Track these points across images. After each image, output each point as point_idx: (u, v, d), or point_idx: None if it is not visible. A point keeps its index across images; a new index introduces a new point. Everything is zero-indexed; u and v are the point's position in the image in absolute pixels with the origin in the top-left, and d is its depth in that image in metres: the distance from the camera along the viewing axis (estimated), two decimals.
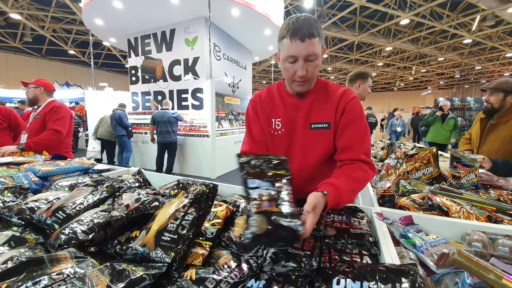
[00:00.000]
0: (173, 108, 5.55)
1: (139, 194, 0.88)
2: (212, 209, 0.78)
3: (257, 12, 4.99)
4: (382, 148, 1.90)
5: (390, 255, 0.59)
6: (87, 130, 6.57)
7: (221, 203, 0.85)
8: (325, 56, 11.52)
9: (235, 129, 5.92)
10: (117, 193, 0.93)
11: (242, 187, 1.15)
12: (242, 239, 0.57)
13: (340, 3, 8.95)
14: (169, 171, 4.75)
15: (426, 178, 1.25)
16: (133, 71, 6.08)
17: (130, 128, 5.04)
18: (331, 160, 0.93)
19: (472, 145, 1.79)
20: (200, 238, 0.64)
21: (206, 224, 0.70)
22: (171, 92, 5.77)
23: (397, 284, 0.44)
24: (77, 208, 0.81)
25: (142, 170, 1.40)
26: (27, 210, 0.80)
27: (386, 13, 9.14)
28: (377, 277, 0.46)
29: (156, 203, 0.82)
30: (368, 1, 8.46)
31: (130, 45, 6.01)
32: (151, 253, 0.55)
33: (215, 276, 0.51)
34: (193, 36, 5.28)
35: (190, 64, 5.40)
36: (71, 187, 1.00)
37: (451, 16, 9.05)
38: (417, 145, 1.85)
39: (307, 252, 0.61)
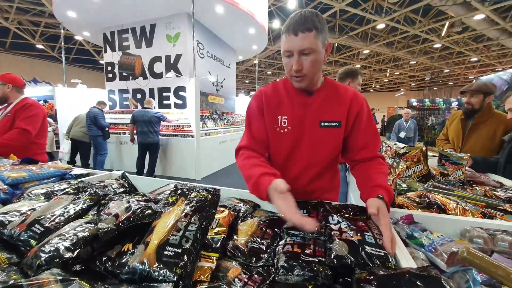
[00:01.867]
0: (154, 107, 5.31)
1: (129, 202, 0.79)
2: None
3: (241, 10, 4.93)
4: None
5: (404, 258, 0.58)
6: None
7: (222, 208, 0.79)
8: None
9: (220, 129, 5.81)
10: (102, 201, 0.83)
11: (237, 189, 1.11)
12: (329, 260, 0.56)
13: (321, 6, 9.17)
14: (150, 173, 4.53)
15: (416, 176, 1.29)
16: (109, 68, 5.73)
17: (107, 129, 4.72)
18: (336, 157, 0.97)
19: (453, 144, 1.89)
20: (206, 250, 0.58)
21: (210, 233, 0.65)
22: (151, 90, 5.52)
23: None
24: (57, 220, 0.71)
25: (127, 174, 1.29)
26: None
27: (364, 17, 9.51)
28: (403, 285, 0.44)
29: (149, 211, 0.74)
30: (347, 5, 8.74)
31: (106, 39, 5.66)
32: (153, 271, 0.48)
33: None
34: (175, 32, 5.09)
35: (172, 62, 5.21)
36: (48, 196, 0.89)
37: (423, 22, 9.63)
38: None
39: (321, 258, 0.57)
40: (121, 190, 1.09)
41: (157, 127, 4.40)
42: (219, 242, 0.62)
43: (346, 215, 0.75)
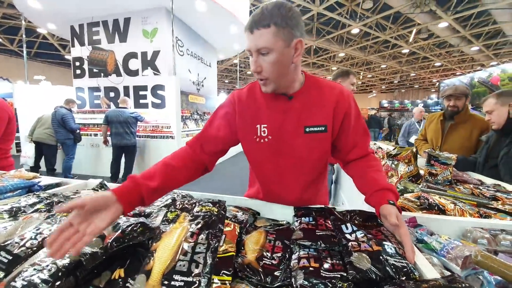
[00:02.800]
0: (130, 107, 4.99)
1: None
2: None
3: (223, 8, 4.82)
4: None
5: (425, 267, 0.55)
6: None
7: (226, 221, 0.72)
8: None
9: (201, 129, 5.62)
10: None
11: (233, 196, 1.04)
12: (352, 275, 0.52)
13: (300, 8, 9.36)
14: (125, 177, 4.23)
15: (407, 176, 1.32)
16: (77, 63, 5.27)
17: (78, 131, 4.31)
18: (326, 162, 0.91)
19: (432, 144, 2.00)
20: (217, 274, 0.51)
21: (218, 253, 0.57)
22: (126, 88, 5.17)
23: None
24: (28, 245, 0.58)
25: (106, 183, 1.16)
26: None
27: (340, 22, 9.90)
28: None
29: (141, 229, 0.64)
30: (324, 9, 9.02)
31: (74, 33, 5.19)
32: None
33: None
34: (152, 27, 4.83)
35: (149, 58, 4.93)
36: (13, 214, 0.74)
37: (393, 28, 10.28)
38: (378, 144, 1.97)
39: (343, 274, 0.53)
40: None
41: (134, 128, 4.12)
42: (230, 263, 0.55)
43: (356, 222, 0.73)
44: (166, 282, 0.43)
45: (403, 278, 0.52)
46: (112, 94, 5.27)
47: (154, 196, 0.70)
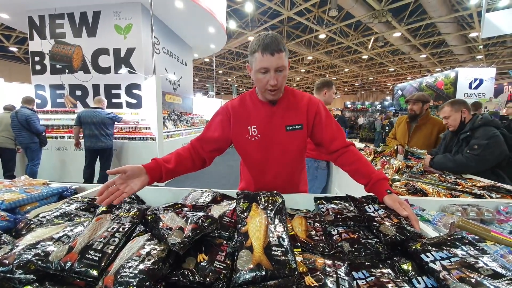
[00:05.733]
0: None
1: (179, 215, 0.77)
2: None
3: (200, 7, 4.79)
4: None
5: (429, 230, 0.77)
6: None
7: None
8: None
9: (181, 130, 5.51)
10: (147, 217, 0.78)
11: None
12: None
13: (271, 11, 9.67)
14: (102, 182, 3.98)
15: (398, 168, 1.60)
16: (37, 58, 4.73)
17: (43, 134, 3.89)
18: (304, 154, 1.14)
19: (401, 142, 2.37)
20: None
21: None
22: (96, 86, 4.83)
23: None
24: (111, 243, 0.65)
25: None
26: (34, 259, 0.58)
27: (308, 26, 10.49)
28: (449, 245, 0.61)
29: (210, 220, 0.74)
30: (294, 13, 9.48)
31: (33, 24, 4.65)
32: (276, 271, 0.52)
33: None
34: (126, 23, 4.58)
35: (123, 56, 4.67)
36: (69, 218, 0.77)
37: (354, 35, 11.25)
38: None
39: (376, 239, 0.71)
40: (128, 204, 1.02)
41: (110, 130, 3.89)
42: (295, 239, 0.69)
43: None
44: (269, 252, 0.55)
45: (417, 238, 0.72)
46: (79, 93, 4.86)
47: (169, 176, 0.93)
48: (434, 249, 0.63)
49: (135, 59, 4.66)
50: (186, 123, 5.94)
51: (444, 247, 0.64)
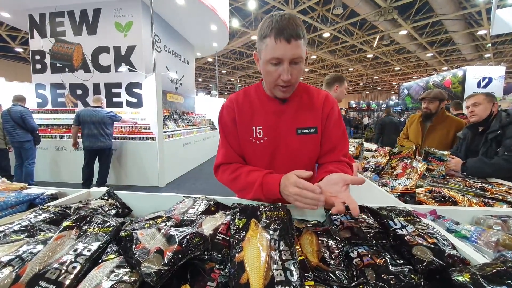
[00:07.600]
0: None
1: (161, 230, 0.62)
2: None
3: (202, 3, 4.66)
4: (355, 148, 2.10)
5: (473, 254, 0.61)
6: None
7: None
8: None
9: (182, 129, 5.38)
10: (121, 234, 0.64)
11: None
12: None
13: (275, 10, 9.53)
14: (101, 183, 3.88)
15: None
16: (37, 57, 4.67)
17: (37, 131, 3.80)
18: (315, 162, 0.94)
19: (413, 142, 2.19)
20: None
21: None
22: (96, 85, 4.74)
23: None
24: (70, 270, 0.51)
25: (114, 191, 1.05)
26: None
27: (312, 25, 10.32)
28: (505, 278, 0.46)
29: (198, 239, 0.59)
30: (298, 12, 9.32)
31: (33, 23, 4.59)
32: None
33: None
34: (127, 20, 4.49)
35: (123, 54, 4.57)
36: (30, 234, 0.63)
37: (359, 33, 11.04)
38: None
39: (409, 267, 0.56)
40: (113, 212, 0.88)
41: (109, 129, 3.79)
42: (306, 266, 0.54)
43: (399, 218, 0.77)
44: None
45: (460, 265, 0.57)
46: (79, 92, 4.78)
47: None
48: (486, 282, 0.48)
49: (136, 57, 4.56)
50: (188, 122, 5.82)
51: (500, 279, 0.48)
